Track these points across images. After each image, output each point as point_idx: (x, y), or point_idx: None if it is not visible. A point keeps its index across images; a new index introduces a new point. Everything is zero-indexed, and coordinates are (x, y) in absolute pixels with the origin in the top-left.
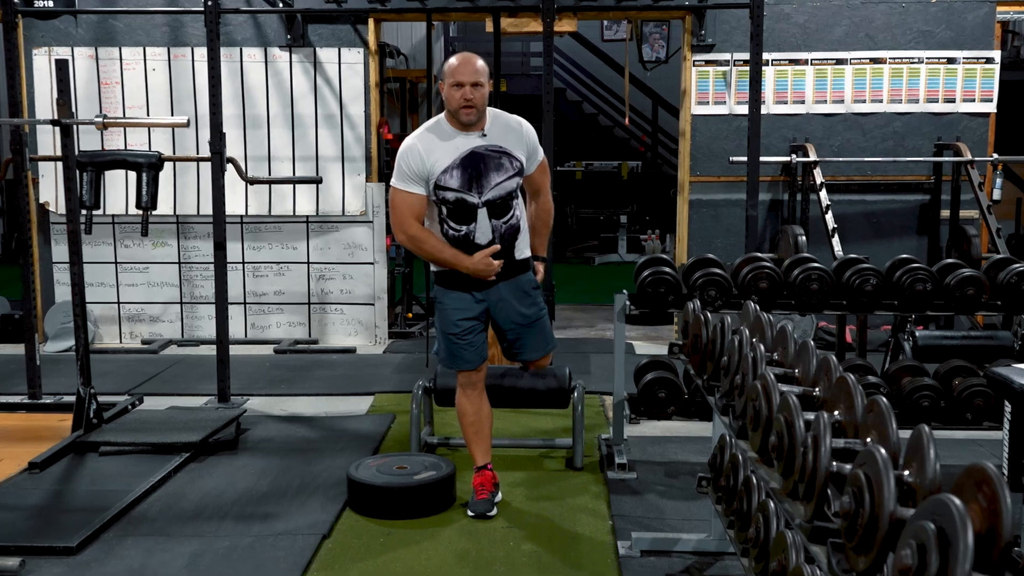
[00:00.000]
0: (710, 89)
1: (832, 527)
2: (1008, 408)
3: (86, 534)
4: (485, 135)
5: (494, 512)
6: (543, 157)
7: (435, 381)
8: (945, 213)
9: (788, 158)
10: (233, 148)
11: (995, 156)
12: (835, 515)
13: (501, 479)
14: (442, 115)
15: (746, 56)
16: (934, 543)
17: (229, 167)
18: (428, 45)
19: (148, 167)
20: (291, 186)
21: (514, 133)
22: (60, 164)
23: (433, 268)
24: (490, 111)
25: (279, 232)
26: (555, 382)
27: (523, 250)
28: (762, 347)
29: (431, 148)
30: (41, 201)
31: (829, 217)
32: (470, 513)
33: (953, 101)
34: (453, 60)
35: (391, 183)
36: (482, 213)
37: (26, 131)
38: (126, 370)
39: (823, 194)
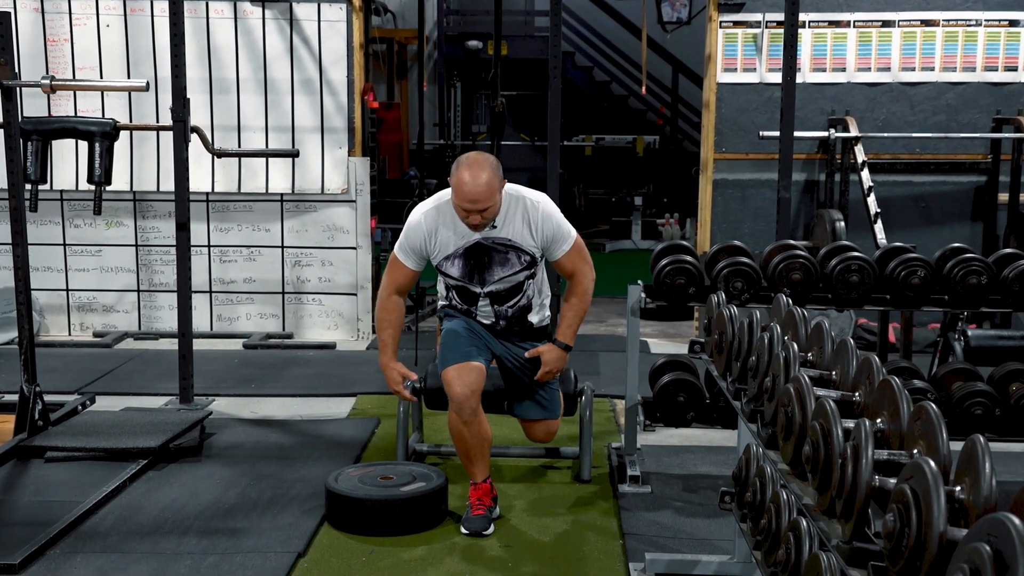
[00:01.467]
0: (738, 54)
1: (874, 549)
2: None
3: (29, 551)
4: (495, 227)
5: (491, 530)
6: (574, 240)
7: (425, 381)
8: (1004, 197)
9: (826, 133)
10: (198, 116)
11: None
12: (877, 535)
13: (499, 492)
14: (454, 197)
15: (780, 16)
16: (990, 567)
17: (193, 137)
18: (420, 1)
19: (101, 136)
20: (263, 160)
21: (528, 225)
22: (1, 132)
23: (440, 302)
24: (508, 192)
25: (250, 212)
26: (560, 386)
27: (539, 320)
28: (795, 346)
29: (436, 230)
30: None
31: (871, 200)
32: (464, 530)
33: (1015, 69)
34: (461, 170)
35: (396, 243)
36: (484, 301)
37: None
38: (76, 366)
39: (865, 174)
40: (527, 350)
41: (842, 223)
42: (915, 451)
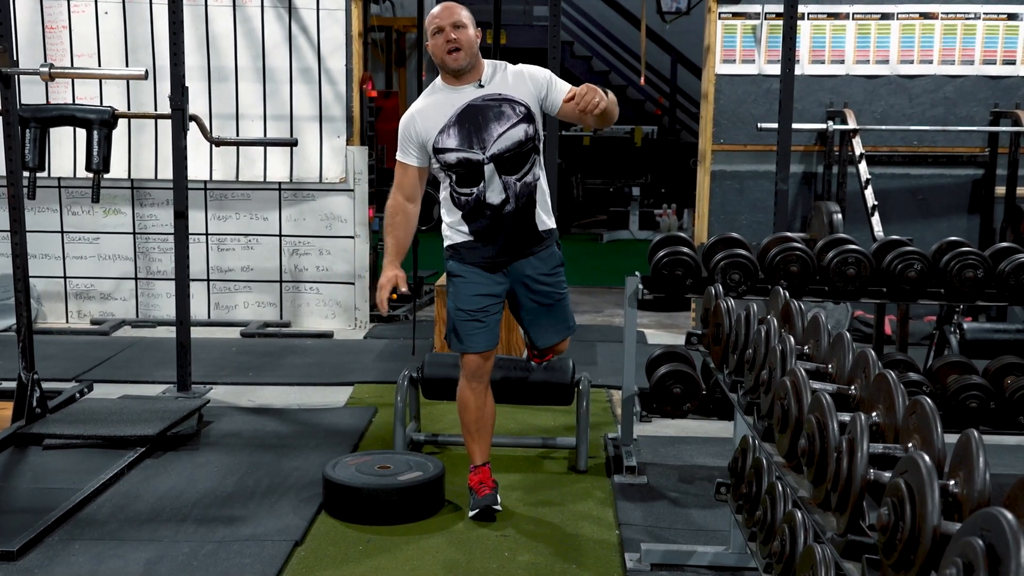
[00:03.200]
0: (737, 45)
1: (868, 542)
2: None
3: (28, 538)
4: (482, 85)
5: (500, 506)
6: (569, 85)
7: (422, 370)
8: (1000, 190)
9: (824, 125)
10: (196, 104)
11: None
12: (871, 528)
13: (496, 480)
14: (438, 78)
15: (779, 8)
16: (983, 561)
17: (192, 126)
18: None
19: (100, 124)
20: (262, 149)
21: (516, 78)
22: None
23: (446, 242)
24: (491, 62)
25: (248, 200)
26: (557, 375)
27: (545, 220)
28: (791, 339)
29: (426, 111)
30: None
31: (869, 193)
32: (472, 513)
33: (1013, 63)
34: (433, 10)
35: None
36: (489, 169)
37: None
38: (73, 353)
39: (863, 167)
40: (540, 266)
41: (839, 215)
42: (910, 445)
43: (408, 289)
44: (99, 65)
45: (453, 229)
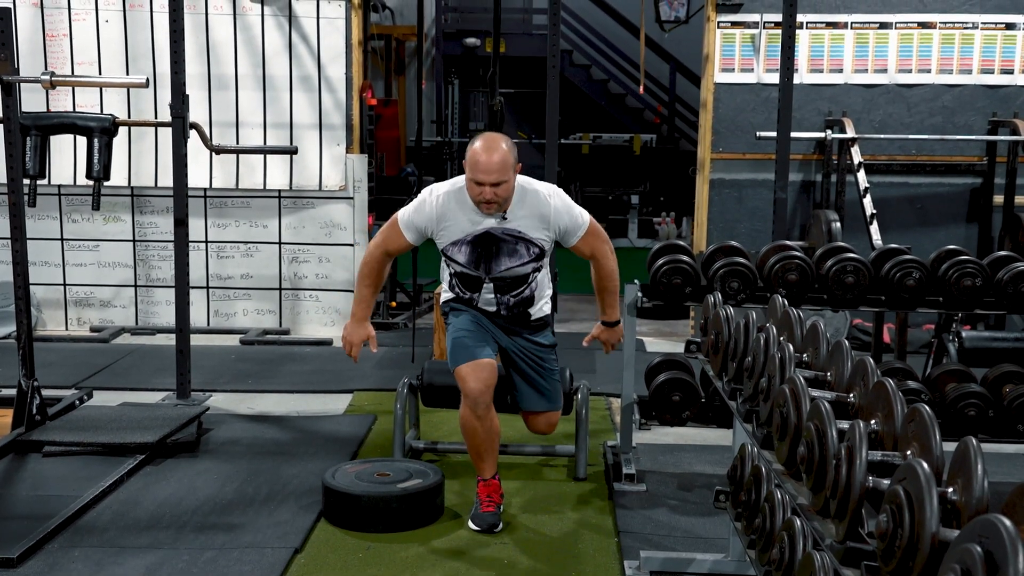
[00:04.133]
0: (736, 54)
1: (867, 549)
2: None
3: (27, 544)
4: (505, 218)
5: (500, 527)
6: (588, 223)
7: (422, 378)
8: (999, 199)
9: (823, 134)
10: (197, 112)
11: None
12: (870, 535)
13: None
14: (465, 185)
15: (778, 17)
16: (981, 568)
17: (192, 133)
18: None
19: (100, 132)
20: (261, 156)
21: (540, 216)
22: (0, 127)
23: (444, 297)
24: (520, 184)
25: (247, 208)
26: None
27: (539, 312)
28: (790, 347)
29: (446, 215)
30: None
31: (867, 201)
32: (473, 526)
33: (1011, 72)
34: (477, 146)
35: (402, 209)
36: (487, 287)
37: None
38: (73, 361)
39: (861, 175)
40: (531, 340)
41: (838, 224)
42: (908, 452)
43: (408, 296)
44: (100, 73)
45: (452, 290)
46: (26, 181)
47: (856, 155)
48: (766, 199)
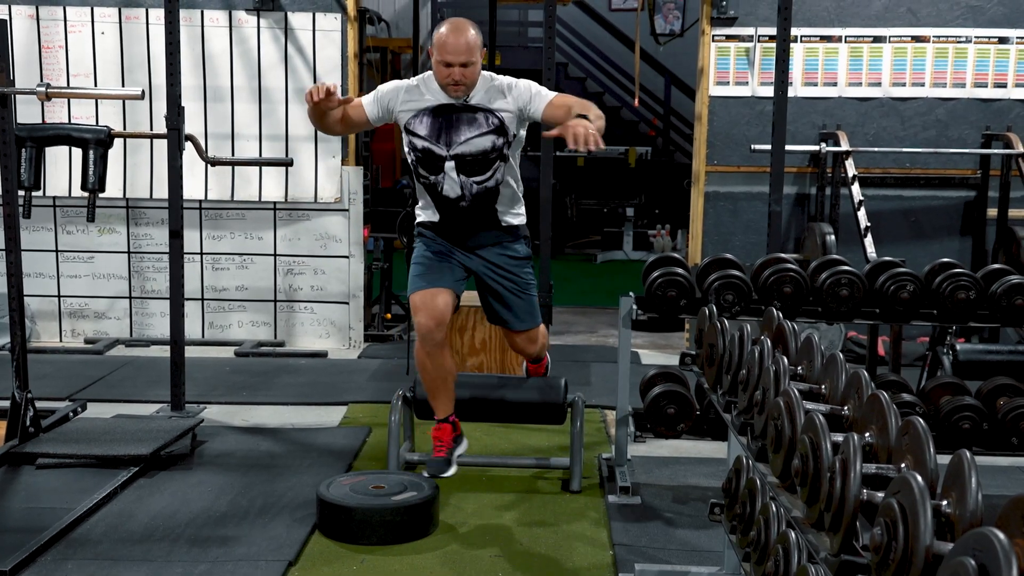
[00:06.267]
0: (731, 68)
1: (861, 562)
2: None
3: (20, 557)
4: (468, 100)
5: (452, 471)
6: (553, 93)
7: (415, 390)
8: (992, 212)
9: (817, 147)
10: (192, 124)
11: None
12: (864, 548)
13: (489, 501)
14: (432, 72)
15: (772, 31)
16: None
17: (187, 145)
18: (414, 11)
19: (96, 144)
20: (257, 168)
21: (500, 92)
22: None
23: (418, 218)
24: (484, 76)
25: (243, 220)
26: (550, 396)
27: (508, 218)
28: (785, 360)
29: (411, 93)
30: None
31: (862, 214)
32: (425, 472)
33: (1004, 86)
34: (444, 29)
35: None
36: (450, 165)
37: None
38: (67, 372)
39: (855, 188)
40: (503, 253)
41: (832, 237)
42: (903, 465)
43: (403, 308)
44: (95, 85)
45: (423, 210)
46: (21, 192)
47: (850, 168)
48: (761, 212)
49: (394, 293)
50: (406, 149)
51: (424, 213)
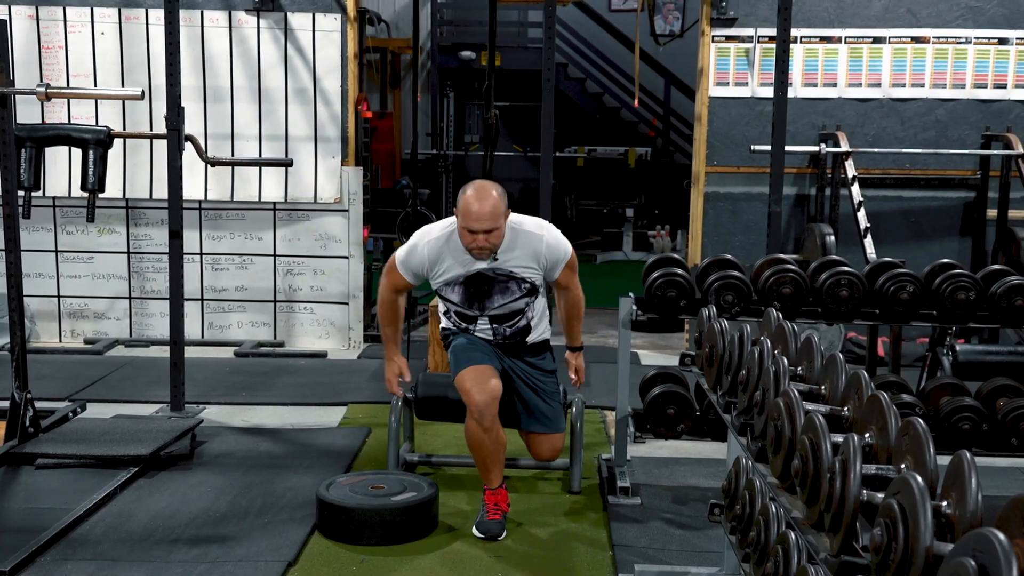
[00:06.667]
0: (731, 68)
1: (861, 562)
2: None
3: (20, 557)
4: (496, 259)
5: (504, 535)
6: (570, 255)
7: (416, 391)
8: (992, 213)
9: (817, 148)
10: (192, 124)
11: None
12: (864, 549)
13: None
14: (456, 227)
15: (772, 31)
16: None
17: (187, 146)
18: (414, 11)
19: (95, 144)
20: (256, 169)
21: (531, 253)
22: None
23: (443, 324)
24: (509, 225)
25: (242, 220)
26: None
27: (538, 337)
28: (785, 360)
29: (438, 260)
30: None
31: (861, 215)
32: (477, 533)
33: (1004, 87)
34: (468, 194)
35: (398, 251)
36: (483, 320)
37: None
38: (66, 373)
39: (855, 189)
40: (531, 364)
41: (832, 237)
42: (903, 466)
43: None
44: (95, 85)
45: (450, 321)
46: (21, 193)
47: (850, 169)
48: (760, 212)
49: None
50: (440, 297)
51: (452, 325)
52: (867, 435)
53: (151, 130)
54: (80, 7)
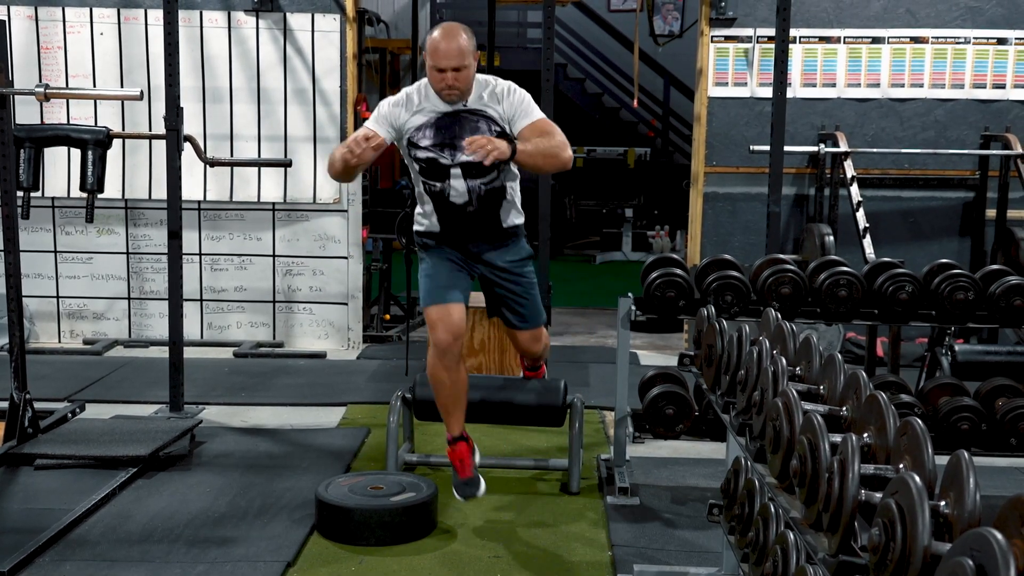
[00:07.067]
0: (730, 68)
1: (859, 562)
2: None
3: (19, 558)
4: (466, 105)
5: (483, 488)
6: (540, 117)
7: (415, 391)
8: (991, 213)
9: (816, 148)
10: (191, 125)
11: None
12: (863, 549)
13: (488, 502)
14: (427, 78)
15: (771, 32)
16: None
17: (186, 146)
18: (413, 11)
19: (94, 144)
20: (256, 169)
21: (497, 98)
22: None
23: (417, 227)
24: (481, 79)
25: (241, 221)
26: (549, 398)
27: (511, 219)
28: (784, 360)
29: (411, 105)
30: None
31: (860, 215)
32: (458, 496)
33: (1003, 87)
34: (436, 35)
35: (370, 118)
36: (455, 172)
37: None
38: (66, 373)
39: (854, 189)
40: (506, 257)
41: (831, 237)
42: (901, 466)
43: (402, 309)
44: (94, 85)
45: (424, 217)
46: (20, 193)
47: (849, 169)
48: (759, 212)
49: (393, 294)
50: (408, 159)
51: (425, 222)
52: (865, 435)
53: (150, 130)
54: (79, 7)
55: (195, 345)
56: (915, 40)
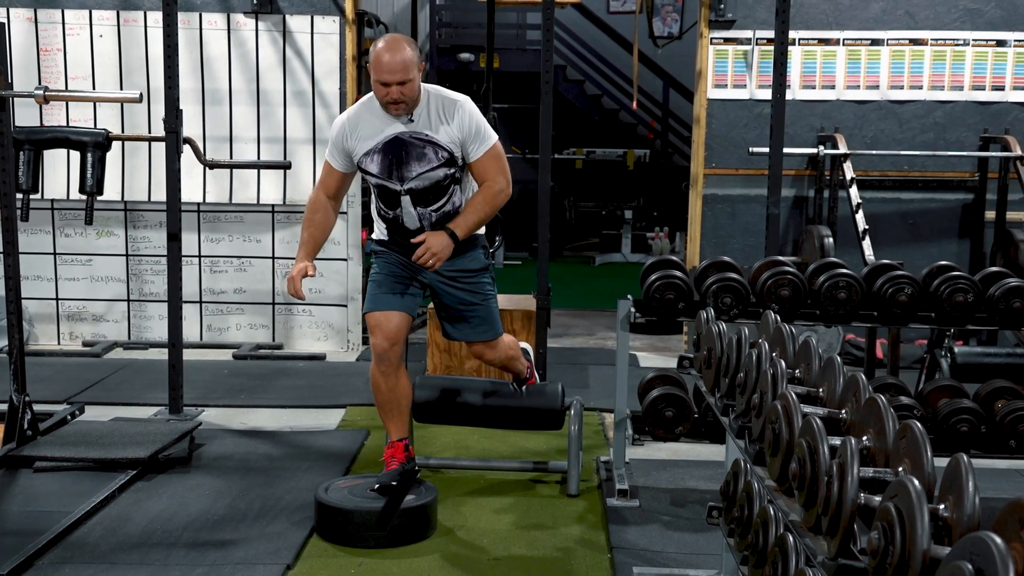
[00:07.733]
0: (729, 70)
1: (858, 566)
2: None
3: (17, 561)
4: (412, 120)
5: (398, 478)
6: (493, 143)
7: (413, 394)
8: (990, 215)
9: (815, 150)
10: (190, 127)
11: None
12: (862, 552)
13: (487, 504)
14: (372, 93)
15: (770, 34)
16: None
17: (186, 148)
18: (413, 13)
19: (94, 146)
20: (255, 171)
21: (447, 120)
22: None
23: (373, 234)
24: (428, 90)
25: (241, 223)
26: (547, 402)
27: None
28: (783, 363)
29: (357, 126)
30: None
31: (860, 217)
32: (375, 484)
33: (1002, 89)
34: (380, 47)
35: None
36: (406, 200)
37: None
38: (65, 375)
39: (853, 191)
40: (459, 267)
41: (830, 239)
42: (900, 469)
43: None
44: (93, 88)
45: (378, 228)
46: (19, 195)
47: (848, 171)
48: (759, 214)
49: None
50: (368, 184)
51: (381, 230)
52: (865, 438)
53: (150, 132)
54: (78, 9)
55: (194, 347)
56: (914, 42)
